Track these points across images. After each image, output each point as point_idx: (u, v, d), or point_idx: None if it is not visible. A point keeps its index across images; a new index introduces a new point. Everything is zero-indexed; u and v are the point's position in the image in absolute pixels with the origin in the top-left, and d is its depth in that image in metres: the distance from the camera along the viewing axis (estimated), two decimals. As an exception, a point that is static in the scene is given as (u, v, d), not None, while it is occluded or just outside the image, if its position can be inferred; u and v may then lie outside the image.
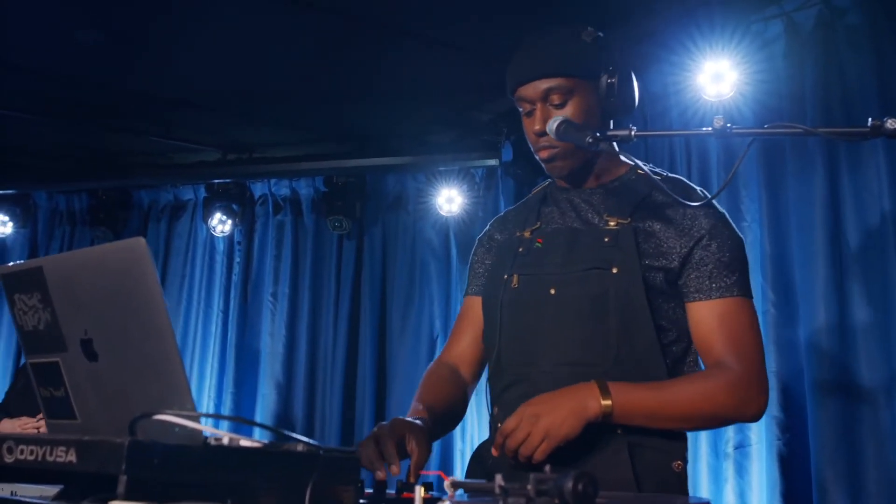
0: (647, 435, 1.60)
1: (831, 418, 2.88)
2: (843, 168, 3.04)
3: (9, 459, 1.10)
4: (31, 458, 1.08)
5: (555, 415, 1.51)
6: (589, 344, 1.63)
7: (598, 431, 1.56)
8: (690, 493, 3.30)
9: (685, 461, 1.66)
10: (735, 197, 3.38)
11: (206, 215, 5.31)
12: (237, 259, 5.40)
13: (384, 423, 1.55)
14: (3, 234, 5.49)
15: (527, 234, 1.79)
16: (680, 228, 1.67)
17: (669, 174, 1.76)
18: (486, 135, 4.62)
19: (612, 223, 1.68)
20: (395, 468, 1.44)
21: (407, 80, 4.30)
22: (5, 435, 1.11)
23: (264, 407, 5.08)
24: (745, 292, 1.67)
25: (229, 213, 5.28)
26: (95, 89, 4.54)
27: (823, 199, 3.05)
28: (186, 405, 1.06)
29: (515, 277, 1.73)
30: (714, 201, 1.71)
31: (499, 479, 1.00)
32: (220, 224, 5.29)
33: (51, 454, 1.05)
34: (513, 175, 4.48)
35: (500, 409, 1.72)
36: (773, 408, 3.07)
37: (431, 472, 1.20)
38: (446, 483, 1.18)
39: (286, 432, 1.11)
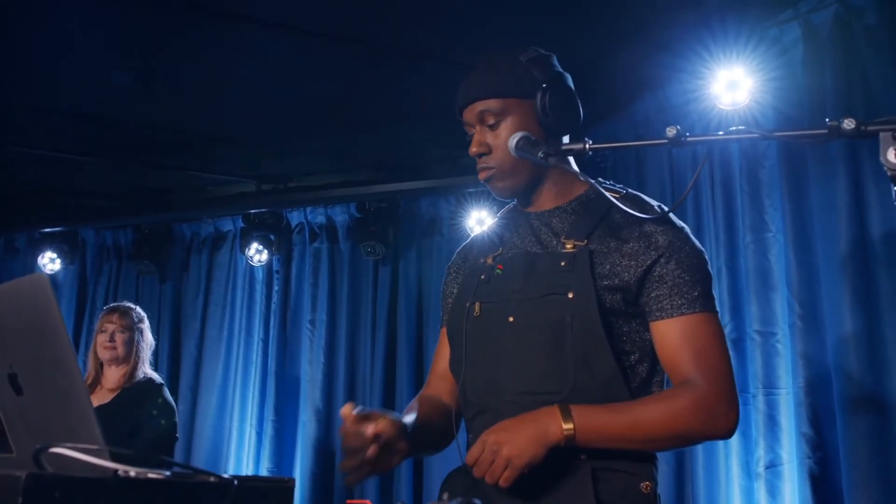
0: (612, 458, 1.56)
1: (863, 435, 2.74)
2: (867, 172, 2.92)
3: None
4: (-47, 492, 1.09)
5: (516, 442, 1.48)
6: (547, 372, 1.59)
7: (561, 458, 1.52)
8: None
9: (655, 482, 1.61)
10: (759, 207, 3.28)
11: (244, 246, 5.39)
12: (276, 288, 5.46)
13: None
14: (52, 270, 5.65)
15: (489, 261, 1.76)
16: (636, 247, 1.63)
17: (629, 191, 1.72)
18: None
19: (568, 246, 1.65)
20: (371, 428, 1.48)
21: (433, 104, 4.30)
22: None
23: (305, 434, 5.10)
24: (709, 307, 1.62)
25: (266, 242, 5.35)
26: (135, 129, 4.68)
27: (847, 206, 2.92)
28: (94, 438, 1.06)
29: (477, 305, 1.71)
30: (672, 215, 1.66)
31: (400, 507, 0.98)
32: (258, 254, 5.36)
33: (-33, 489, 1.06)
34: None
35: (474, 435, 1.69)
36: (803, 425, 2.94)
37: (360, 502, 1.18)
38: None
39: (200, 468, 1.09)
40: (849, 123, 1.32)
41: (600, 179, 1.72)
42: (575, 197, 1.74)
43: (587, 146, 1.53)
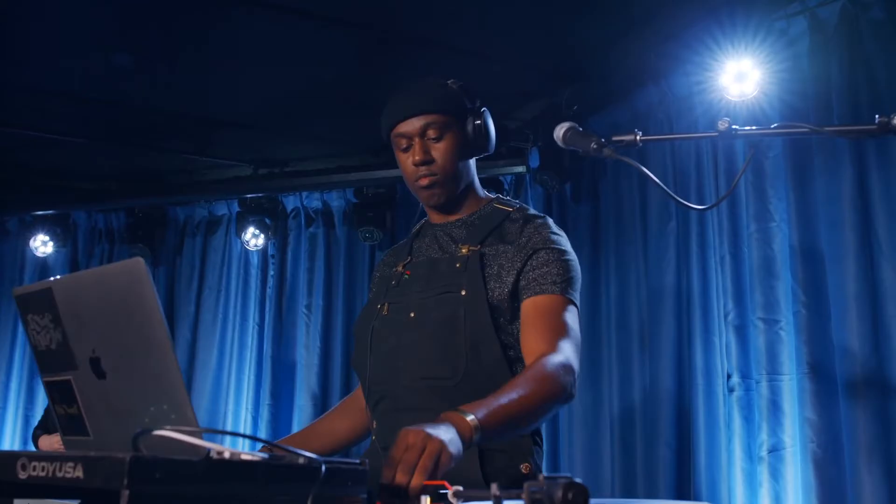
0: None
1: (866, 419, 2.83)
2: (872, 163, 2.99)
3: (23, 476, 1.13)
4: (43, 474, 1.11)
5: (439, 435, 1.39)
6: (441, 360, 1.78)
7: None
8: (719, 499, 3.27)
9: (534, 465, 1.79)
10: (762, 196, 3.34)
11: (240, 230, 5.38)
12: (271, 272, 5.46)
13: None
14: (44, 253, 5.61)
15: (400, 268, 1.99)
16: (517, 247, 1.85)
17: (521, 205, 1.99)
18: (514, 141, 4.62)
19: (464, 250, 1.88)
20: None
21: (433, 90, 4.32)
22: (19, 452, 1.15)
23: (301, 418, 5.12)
24: (568, 294, 1.81)
25: (262, 227, 5.35)
26: (129, 111, 4.65)
27: (852, 196, 3.00)
28: (188, 420, 1.09)
29: (385, 306, 1.92)
30: (552, 224, 1.91)
31: (494, 487, 1.02)
32: (254, 238, 5.36)
33: (60, 470, 1.08)
34: (540, 181, 4.48)
35: (377, 421, 1.88)
36: (806, 409, 3.02)
37: (435, 482, 1.21)
38: (450, 493, 1.19)
39: (289, 448, 1.12)
40: (898, 120, 1.36)
41: (498, 196, 2.04)
42: (475, 210, 1.98)
43: (638, 137, 1.57)
